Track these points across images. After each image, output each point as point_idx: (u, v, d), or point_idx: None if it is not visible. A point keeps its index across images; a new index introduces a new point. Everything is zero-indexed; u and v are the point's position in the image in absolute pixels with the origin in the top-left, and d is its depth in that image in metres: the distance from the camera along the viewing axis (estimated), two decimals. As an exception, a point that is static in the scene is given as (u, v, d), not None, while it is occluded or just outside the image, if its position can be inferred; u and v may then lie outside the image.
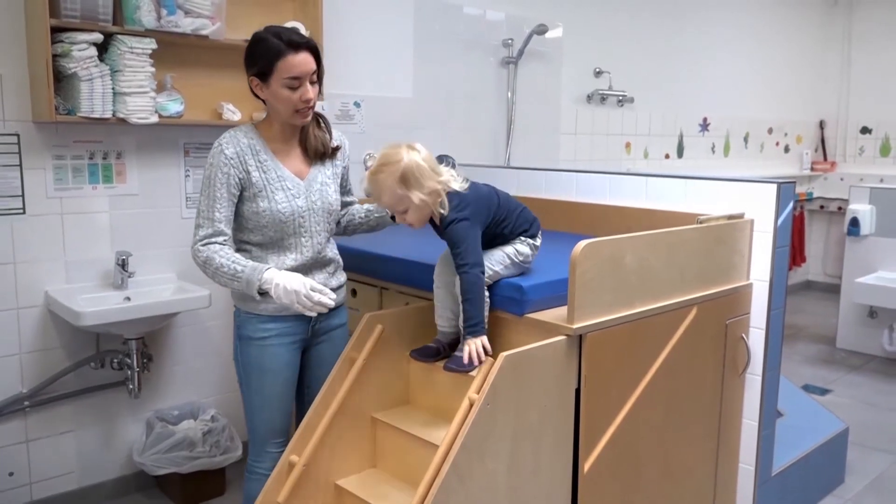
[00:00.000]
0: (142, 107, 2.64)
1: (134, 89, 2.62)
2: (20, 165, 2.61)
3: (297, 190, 2.06)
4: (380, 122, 3.55)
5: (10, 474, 2.71)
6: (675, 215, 2.57)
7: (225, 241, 1.98)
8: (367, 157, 2.03)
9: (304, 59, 1.96)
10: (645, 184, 2.73)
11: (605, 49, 4.66)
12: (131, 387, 2.85)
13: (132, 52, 2.58)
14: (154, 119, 2.69)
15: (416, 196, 1.86)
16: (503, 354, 1.76)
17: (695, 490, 2.40)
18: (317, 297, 1.93)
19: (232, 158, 1.98)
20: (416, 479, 1.90)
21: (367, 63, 3.50)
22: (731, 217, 2.41)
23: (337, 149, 2.17)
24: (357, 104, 3.48)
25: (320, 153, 2.12)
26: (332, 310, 2.12)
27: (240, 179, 2.00)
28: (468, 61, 3.94)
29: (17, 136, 2.59)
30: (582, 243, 1.87)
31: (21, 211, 2.63)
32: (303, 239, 2.07)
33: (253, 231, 2.05)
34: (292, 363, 2.13)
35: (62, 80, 2.55)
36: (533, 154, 4.19)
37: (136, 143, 2.86)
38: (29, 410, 2.72)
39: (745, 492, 2.55)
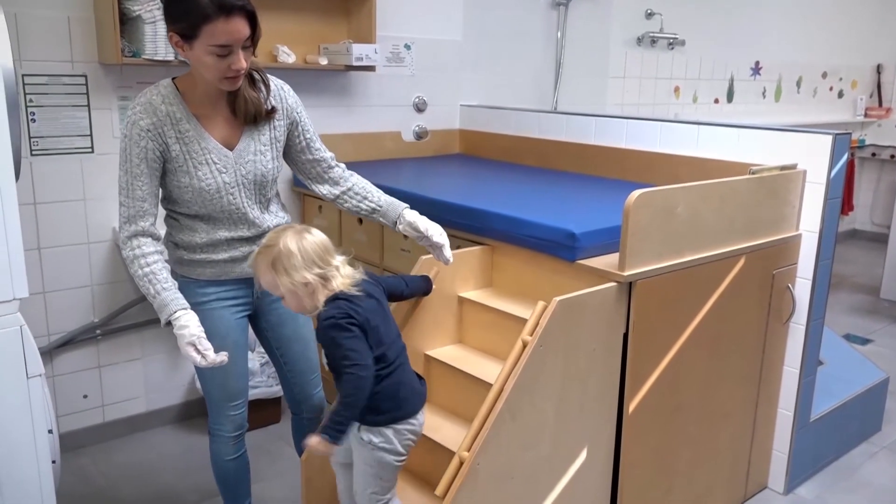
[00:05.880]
0: (202, 49, 2.69)
1: (195, 32, 2.66)
2: (88, 106, 2.71)
3: (223, 163, 1.84)
4: (429, 66, 3.57)
5: (85, 396, 2.91)
6: (726, 164, 2.58)
7: (152, 224, 1.80)
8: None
9: (236, 27, 1.69)
10: (696, 132, 2.73)
11: (658, -11, 4.56)
12: (193, 319, 2.99)
13: (193, -5, 2.62)
14: (214, 61, 2.74)
15: (284, 283, 1.67)
16: (556, 299, 1.83)
17: (734, 432, 2.48)
18: (197, 358, 1.70)
19: (148, 130, 1.76)
20: (469, 414, 2.02)
21: (417, 5, 3.50)
22: (783, 168, 2.41)
23: (272, 111, 1.90)
24: (408, 46, 3.49)
25: (252, 116, 1.86)
26: None
27: (160, 153, 1.79)
28: (518, 3, 3.90)
29: (85, 76, 2.68)
30: (636, 193, 1.90)
31: (90, 150, 2.74)
32: (234, 214, 1.90)
33: (179, 203, 1.87)
34: (239, 326, 2.00)
35: (126, 23, 2.61)
36: (580, 98, 4.17)
37: (196, 85, 2.93)
38: (100, 338, 2.90)
39: (782, 436, 2.63)
